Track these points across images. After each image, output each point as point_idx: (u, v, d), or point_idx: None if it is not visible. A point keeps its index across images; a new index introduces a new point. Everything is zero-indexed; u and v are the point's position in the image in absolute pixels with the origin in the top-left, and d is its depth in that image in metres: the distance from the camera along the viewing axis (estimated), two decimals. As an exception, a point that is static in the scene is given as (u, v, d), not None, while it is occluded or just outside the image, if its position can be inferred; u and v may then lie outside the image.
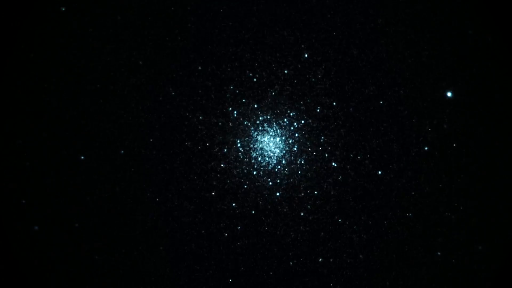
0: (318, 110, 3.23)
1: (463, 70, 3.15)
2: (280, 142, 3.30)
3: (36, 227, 3.24)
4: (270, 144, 3.30)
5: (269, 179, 3.29)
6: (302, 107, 3.24)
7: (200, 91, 3.25)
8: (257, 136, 3.29)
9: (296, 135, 3.27)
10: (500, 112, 3.15)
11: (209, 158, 3.27)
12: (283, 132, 3.28)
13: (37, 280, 3.28)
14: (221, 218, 3.30)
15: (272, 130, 3.29)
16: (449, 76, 3.17)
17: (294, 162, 3.28)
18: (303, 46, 3.22)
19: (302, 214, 3.28)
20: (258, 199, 3.29)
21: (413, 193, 3.24)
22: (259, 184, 3.29)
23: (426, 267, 3.25)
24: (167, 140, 3.27)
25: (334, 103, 3.23)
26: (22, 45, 3.20)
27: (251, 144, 3.29)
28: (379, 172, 3.24)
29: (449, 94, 3.17)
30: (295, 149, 3.28)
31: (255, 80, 3.23)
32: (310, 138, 3.26)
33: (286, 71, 3.23)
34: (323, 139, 3.24)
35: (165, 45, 3.24)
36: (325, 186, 3.26)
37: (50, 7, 3.17)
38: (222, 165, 3.27)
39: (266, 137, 3.30)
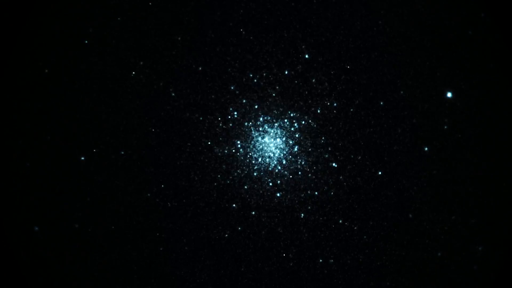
0: (318, 111, 3.23)
1: (463, 71, 3.15)
2: (281, 142, 3.30)
3: (37, 228, 3.24)
4: (271, 145, 3.30)
5: (269, 180, 3.29)
6: (302, 108, 3.23)
7: (200, 92, 3.24)
8: (258, 137, 3.29)
9: (297, 135, 3.27)
10: (500, 113, 3.15)
11: (210, 159, 3.27)
12: (283, 132, 3.28)
13: (37, 280, 3.28)
14: (222, 219, 3.30)
15: (272, 131, 3.29)
16: (449, 76, 3.17)
17: (294, 162, 3.28)
18: (304, 46, 3.21)
19: (302, 215, 3.28)
20: (259, 200, 3.29)
21: (413, 193, 3.24)
22: (259, 185, 3.29)
23: (426, 267, 3.25)
24: (167, 141, 3.26)
25: (335, 104, 3.23)
26: (22, 46, 3.19)
27: (252, 145, 3.29)
28: (380, 173, 3.24)
29: (449, 94, 3.17)
30: (295, 149, 3.28)
31: (255, 80, 3.23)
32: (310, 139, 3.25)
33: (286, 72, 3.23)
34: (323, 140, 3.24)
35: (165, 45, 3.23)
36: (326, 187, 3.26)
37: (49, 8, 3.16)
38: (222, 166, 3.27)
39: (267, 138, 3.30)
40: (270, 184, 3.30)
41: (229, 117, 3.25)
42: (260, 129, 3.28)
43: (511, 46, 3.16)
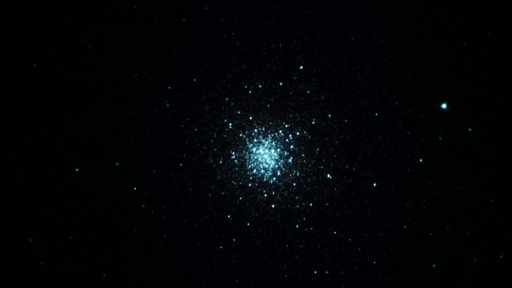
0: (313, 122, 3.23)
1: (457, 82, 3.16)
2: (275, 154, 3.30)
3: (31, 240, 3.24)
4: (265, 156, 3.30)
5: (264, 191, 3.29)
6: (297, 119, 3.24)
7: (195, 103, 3.24)
8: (252, 148, 3.29)
9: (291, 147, 3.27)
10: (495, 125, 3.15)
11: (204, 170, 3.26)
12: (278, 144, 3.28)
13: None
14: (216, 230, 3.29)
15: (267, 142, 3.28)
16: (443, 88, 3.17)
17: (289, 174, 3.28)
18: (298, 58, 3.22)
19: (297, 226, 3.28)
20: (253, 211, 3.28)
21: (408, 205, 3.24)
22: (254, 196, 3.28)
23: (421, 279, 3.25)
24: (162, 152, 3.26)
25: (329, 115, 3.23)
26: (17, 58, 3.19)
27: (246, 156, 3.29)
28: (374, 184, 3.24)
29: (444, 106, 3.18)
30: (290, 161, 3.28)
31: (250, 92, 3.23)
32: (305, 150, 3.25)
33: (281, 83, 3.23)
34: (318, 151, 3.24)
35: (159, 57, 3.23)
36: (320, 198, 3.26)
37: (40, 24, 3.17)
38: (217, 177, 3.26)
39: (261, 149, 3.29)
40: (265, 195, 3.29)
41: (224, 128, 3.25)
42: (255, 140, 3.28)
43: (506, 58, 3.17)
